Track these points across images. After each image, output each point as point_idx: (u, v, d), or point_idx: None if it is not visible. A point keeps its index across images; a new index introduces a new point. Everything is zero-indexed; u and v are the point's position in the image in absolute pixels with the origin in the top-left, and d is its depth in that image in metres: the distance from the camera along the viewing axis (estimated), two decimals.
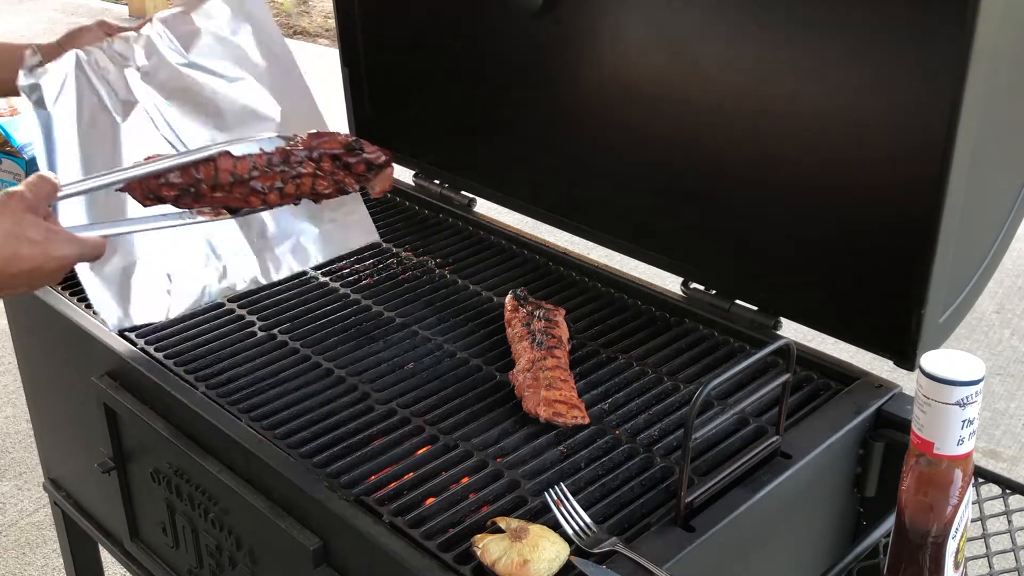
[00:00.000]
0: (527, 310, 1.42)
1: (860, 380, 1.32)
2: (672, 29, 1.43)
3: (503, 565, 1.01)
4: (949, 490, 0.98)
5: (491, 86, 1.74)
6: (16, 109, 2.15)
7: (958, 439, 0.96)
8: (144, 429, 1.36)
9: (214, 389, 1.32)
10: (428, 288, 1.58)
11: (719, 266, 1.48)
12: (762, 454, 1.16)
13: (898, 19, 1.19)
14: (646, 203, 1.55)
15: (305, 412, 1.28)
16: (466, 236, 1.75)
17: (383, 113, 1.94)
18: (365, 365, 1.38)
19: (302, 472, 1.17)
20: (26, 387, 1.81)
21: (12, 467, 2.87)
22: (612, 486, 1.16)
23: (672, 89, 1.47)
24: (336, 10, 1.90)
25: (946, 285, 1.23)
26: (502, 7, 1.61)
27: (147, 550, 1.51)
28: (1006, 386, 3.17)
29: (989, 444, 2.90)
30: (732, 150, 1.41)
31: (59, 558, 2.12)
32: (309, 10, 7.45)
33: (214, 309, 1.50)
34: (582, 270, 1.62)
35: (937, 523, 0.98)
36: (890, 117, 1.23)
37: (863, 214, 1.30)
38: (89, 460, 1.52)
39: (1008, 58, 1.14)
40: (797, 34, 1.30)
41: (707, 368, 1.38)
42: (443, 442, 1.23)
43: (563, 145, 1.65)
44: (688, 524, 1.08)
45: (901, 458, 1.01)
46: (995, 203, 1.29)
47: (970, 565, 1.12)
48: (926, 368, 0.95)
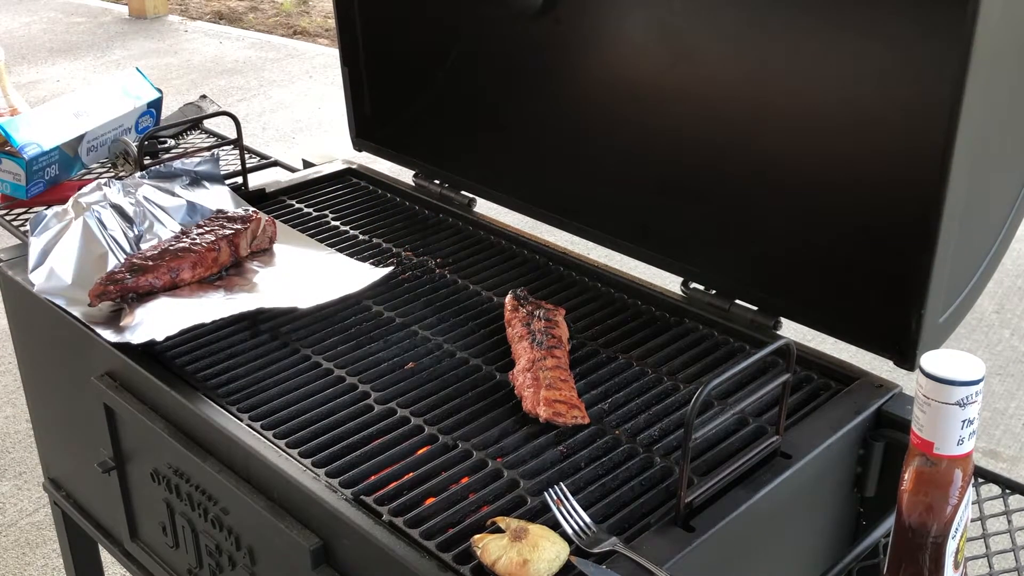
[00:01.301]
0: (527, 310, 1.42)
1: (860, 380, 1.32)
2: (672, 29, 1.43)
3: (503, 565, 1.01)
4: (949, 490, 0.98)
5: (491, 86, 1.74)
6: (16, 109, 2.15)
7: (958, 439, 0.96)
8: (144, 429, 1.36)
9: (214, 389, 1.32)
10: (428, 288, 1.58)
11: (719, 266, 1.48)
12: (762, 454, 1.16)
13: (899, 19, 1.19)
14: (646, 203, 1.55)
15: (305, 412, 1.28)
16: (466, 236, 1.75)
17: (383, 113, 1.94)
18: (365, 365, 1.38)
19: (302, 472, 1.17)
20: (26, 387, 1.80)
21: (12, 467, 2.87)
22: (612, 486, 1.16)
23: (672, 89, 1.46)
24: (336, 10, 1.90)
25: (946, 285, 1.23)
26: (502, 7, 1.61)
27: (147, 550, 1.51)
28: (1006, 386, 3.17)
29: (989, 444, 2.90)
30: (732, 150, 1.41)
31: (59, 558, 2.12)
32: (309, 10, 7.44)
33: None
34: (582, 270, 1.62)
35: (937, 523, 0.98)
36: (890, 117, 1.23)
37: (863, 214, 1.30)
38: (89, 460, 1.52)
39: (1008, 58, 1.14)
40: (797, 34, 1.30)
41: (707, 368, 1.38)
42: (443, 442, 1.23)
43: (563, 145, 1.65)
44: (688, 524, 1.08)
45: (901, 458, 1.01)
46: (995, 203, 1.29)
47: (970, 565, 1.13)
48: (926, 368, 0.95)
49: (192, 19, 7.26)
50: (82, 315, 1.45)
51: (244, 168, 1.85)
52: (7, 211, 1.97)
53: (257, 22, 7.23)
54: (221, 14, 7.40)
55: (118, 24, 7.06)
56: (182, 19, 7.24)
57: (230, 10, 7.48)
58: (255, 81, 5.94)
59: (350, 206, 1.85)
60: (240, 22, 7.23)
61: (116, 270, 1.49)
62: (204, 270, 1.53)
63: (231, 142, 1.86)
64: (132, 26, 7.02)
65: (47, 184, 1.99)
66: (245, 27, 7.12)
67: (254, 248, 1.62)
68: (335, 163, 1.99)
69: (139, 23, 7.08)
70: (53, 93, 5.47)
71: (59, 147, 1.98)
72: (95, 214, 1.58)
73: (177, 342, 1.41)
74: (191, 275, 1.51)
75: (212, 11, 7.47)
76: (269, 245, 1.65)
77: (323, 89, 5.79)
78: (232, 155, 2.15)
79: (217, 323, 1.44)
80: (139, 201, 1.65)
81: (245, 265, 1.59)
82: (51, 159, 1.97)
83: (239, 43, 6.68)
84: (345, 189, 1.92)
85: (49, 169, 1.98)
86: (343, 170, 1.97)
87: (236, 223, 1.61)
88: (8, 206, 1.98)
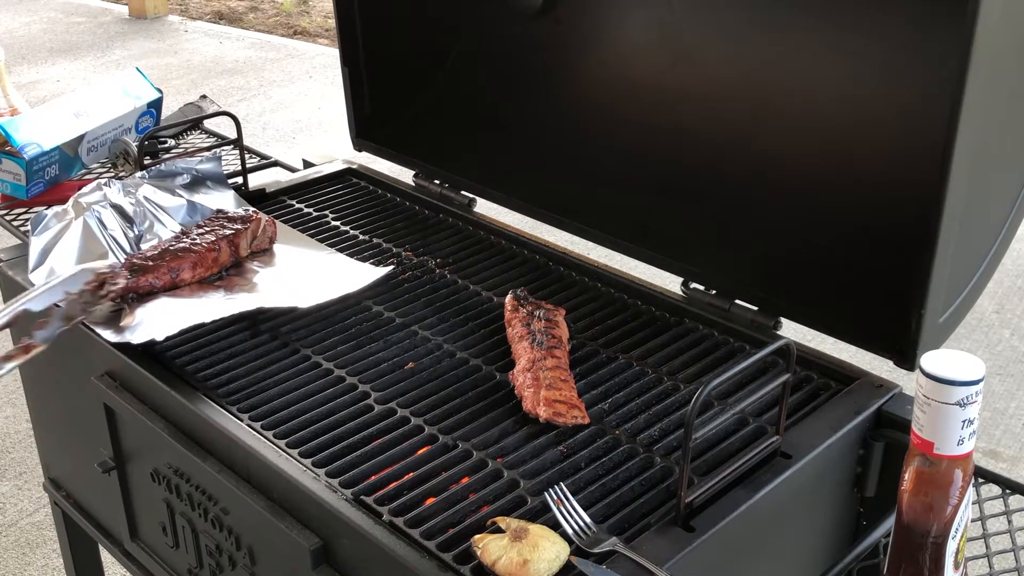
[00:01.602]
0: (527, 310, 1.42)
1: (860, 380, 1.32)
2: (672, 29, 1.43)
3: (503, 565, 1.01)
4: (949, 490, 0.98)
5: (491, 86, 1.74)
6: (16, 109, 2.15)
7: (958, 439, 0.96)
8: (144, 429, 1.36)
9: (214, 389, 1.32)
10: (428, 288, 1.58)
11: (719, 266, 1.48)
12: (762, 454, 1.16)
13: (899, 19, 1.19)
14: (646, 203, 1.55)
15: (305, 412, 1.28)
16: (466, 236, 1.75)
17: (383, 113, 1.94)
18: (365, 365, 1.38)
19: (302, 472, 1.17)
20: (26, 387, 1.80)
21: (12, 467, 2.87)
22: (612, 486, 1.16)
23: (672, 89, 1.46)
24: (336, 10, 1.90)
25: (946, 285, 1.23)
26: (502, 7, 1.61)
27: (147, 550, 1.51)
28: (1006, 386, 3.17)
29: (989, 444, 2.90)
30: (732, 150, 1.41)
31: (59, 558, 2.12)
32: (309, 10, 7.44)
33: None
34: (582, 270, 1.61)
35: (937, 523, 0.98)
36: (890, 117, 1.23)
37: (863, 214, 1.30)
38: (89, 460, 1.52)
39: (1008, 58, 1.14)
40: (797, 34, 1.30)
41: (707, 368, 1.38)
42: (443, 442, 1.23)
43: (563, 145, 1.65)
44: (688, 524, 1.08)
45: (901, 458, 1.01)
46: (995, 203, 1.29)
47: (970, 565, 1.13)
48: (926, 368, 0.95)
49: (192, 19, 7.26)
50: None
51: (244, 168, 1.85)
52: (7, 211, 1.97)
53: (257, 22, 7.23)
54: (221, 14, 7.40)
55: (118, 24, 7.06)
56: (182, 19, 7.24)
57: (230, 10, 7.48)
58: (255, 81, 5.95)
59: (350, 206, 1.85)
60: (240, 22, 7.24)
61: (116, 270, 1.49)
62: (204, 270, 1.53)
63: (231, 142, 1.86)
64: (132, 26, 7.02)
65: (47, 184, 1.99)
66: (245, 27, 7.12)
67: (254, 248, 1.62)
68: (335, 163, 1.99)
69: (139, 23, 7.08)
70: (53, 93, 5.47)
71: (59, 147, 1.98)
72: (95, 214, 1.58)
73: (177, 342, 1.41)
74: (191, 275, 1.51)
75: (212, 11, 7.47)
76: (269, 245, 1.65)
77: (323, 89, 5.79)
78: (232, 155, 2.15)
79: (217, 323, 1.44)
80: (139, 201, 1.65)
81: (245, 265, 1.60)
82: (51, 159, 1.97)
83: (239, 43, 6.69)
84: (345, 189, 1.92)
85: (49, 169, 1.98)
86: (343, 170, 1.97)
87: (236, 223, 1.61)
88: (8, 206, 1.98)
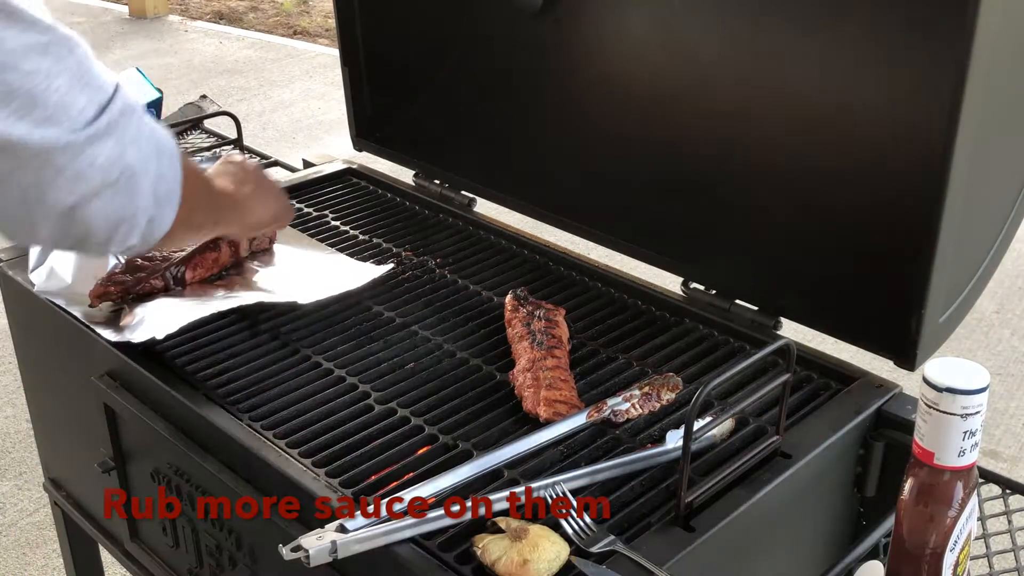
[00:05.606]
0: (527, 310, 1.42)
1: (860, 380, 1.32)
2: (672, 29, 1.43)
3: (503, 565, 1.01)
4: (949, 502, 0.97)
5: (491, 86, 1.74)
6: None
7: (959, 450, 0.95)
8: (144, 429, 1.36)
9: (214, 389, 1.32)
10: (428, 288, 1.58)
11: (719, 266, 1.48)
12: (762, 454, 1.16)
13: (898, 19, 1.19)
14: (646, 203, 1.55)
15: (305, 412, 1.28)
16: (466, 236, 1.75)
17: (383, 113, 1.94)
18: (365, 365, 1.38)
19: (302, 472, 1.17)
20: (26, 387, 1.80)
21: (12, 467, 2.87)
22: (612, 486, 1.16)
23: (672, 89, 1.46)
24: (336, 10, 1.90)
25: (946, 285, 1.23)
26: (502, 7, 1.61)
27: (147, 550, 1.51)
28: (1006, 386, 3.17)
29: (989, 444, 2.90)
30: (732, 150, 1.41)
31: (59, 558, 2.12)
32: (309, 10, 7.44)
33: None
34: (582, 270, 1.61)
35: (936, 535, 0.97)
36: (890, 117, 1.23)
37: (863, 214, 1.29)
38: (89, 460, 1.52)
39: (1008, 58, 1.14)
40: (798, 35, 1.30)
41: (707, 368, 1.38)
42: (443, 442, 1.23)
43: (563, 145, 1.65)
44: (688, 524, 1.08)
45: (901, 458, 1.01)
46: (995, 203, 1.29)
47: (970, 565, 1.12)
48: (928, 376, 0.94)
49: (192, 19, 7.26)
50: (82, 315, 1.45)
51: None
52: None
53: (257, 22, 7.23)
54: (221, 14, 7.40)
55: (118, 24, 7.06)
56: (182, 19, 7.24)
57: (230, 10, 7.48)
58: (255, 81, 5.95)
59: (350, 206, 1.85)
60: (240, 22, 7.23)
61: (116, 270, 1.49)
62: (204, 270, 1.53)
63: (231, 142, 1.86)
64: (132, 26, 7.02)
65: None
66: (245, 27, 7.12)
67: (254, 248, 1.62)
68: (335, 163, 1.99)
69: (139, 23, 7.08)
70: None
71: None
72: None
73: (177, 342, 1.41)
74: (191, 275, 1.51)
75: (212, 11, 7.47)
76: (269, 245, 1.65)
77: (323, 89, 5.79)
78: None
79: (218, 323, 1.44)
80: None
81: (245, 265, 1.59)
82: None
83: (239, 43, 6.68)
84: (345, 189, 1.92)
85: None
86: (343, 170, 1.96)
87: None
88: None
